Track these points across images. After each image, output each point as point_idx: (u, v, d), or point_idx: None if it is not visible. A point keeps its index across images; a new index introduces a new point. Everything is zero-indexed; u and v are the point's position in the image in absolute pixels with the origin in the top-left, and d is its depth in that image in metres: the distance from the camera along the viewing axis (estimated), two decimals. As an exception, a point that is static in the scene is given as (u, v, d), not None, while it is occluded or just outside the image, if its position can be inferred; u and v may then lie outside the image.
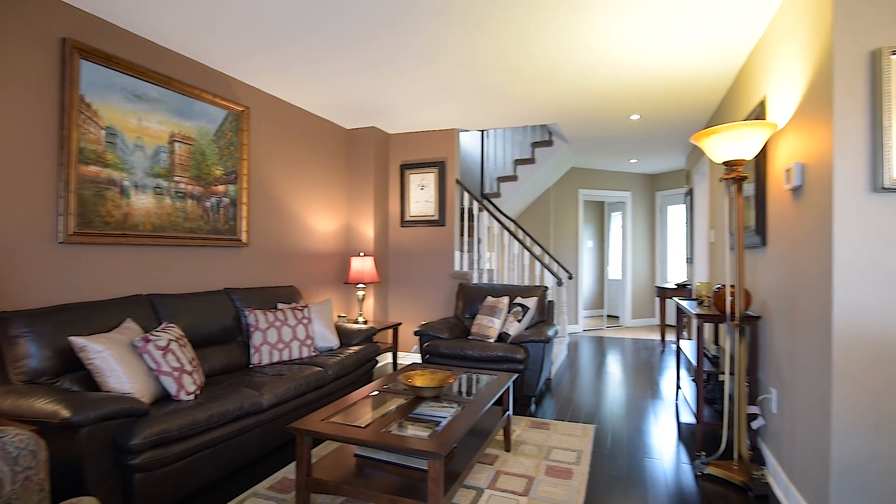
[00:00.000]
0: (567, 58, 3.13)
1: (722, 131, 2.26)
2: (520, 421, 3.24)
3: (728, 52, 3.03)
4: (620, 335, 6.91)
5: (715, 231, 4.35)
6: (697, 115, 4.43)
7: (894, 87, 1.70)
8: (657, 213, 7.82)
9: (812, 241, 1.98)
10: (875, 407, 1.74)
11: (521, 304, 3.94)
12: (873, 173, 1.73)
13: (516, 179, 5.75)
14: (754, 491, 2.27)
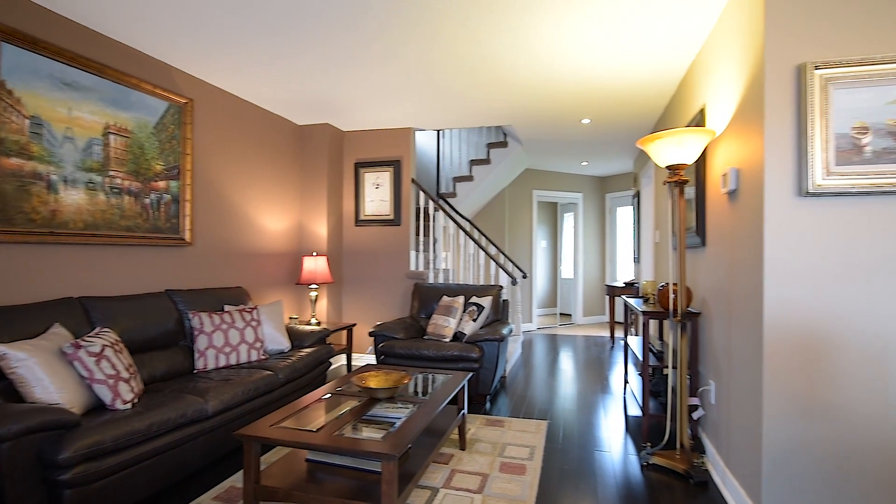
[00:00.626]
0: (520, 61, 3.18)
1: (665, 137, 2.37)
2: (475, 419, 3.27)
3: (671, 62, 3.18)
4: (573, 332, 7.11)
5: (660, 232, 4.56)
6: (644, 121, 4.62)
7: (817, 99, 1.83)
8: (607, 214, 8.11)
9: (746, 241, 2.11)
10: (801, 396, 1.87)
11: (476, 303, 3.97)
12: (799, 179, 1.87)
13: (472, 180, 5.80)
14: (695, 478, 2.40)
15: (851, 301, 1.83)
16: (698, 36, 2.80)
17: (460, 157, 6.29)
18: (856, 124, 1.81)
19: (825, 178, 1.82)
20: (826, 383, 1.85)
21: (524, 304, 7.19)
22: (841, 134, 1.82)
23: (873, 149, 1.80)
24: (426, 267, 5.16)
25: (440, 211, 4.83)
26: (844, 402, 1.83)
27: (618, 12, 2.54)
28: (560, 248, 8.67)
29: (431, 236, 5.03)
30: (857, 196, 1.82)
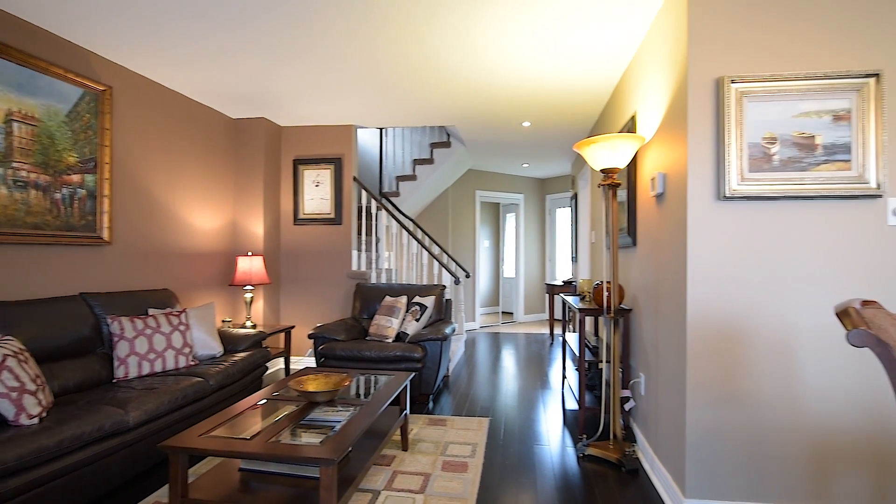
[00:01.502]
0: (462, 63, 3.21)
1: (599, 141, 2.47)
2: (418, 419, 3.26)
3: (606, 70, 3.33)
4: (514, 330, 7.28)
5: (595, 232, 4.77)
6: (581, 125, 4.81)
7: (733, 110, 1.98)
8: (547, 214, 8.37)
9: (672, 242, 2.25)
10: (718, 384, 2.02)
11: (419, 303, 3.97)
12: (717, 184, 2.01)
13: (415, 179, 5.79)
14: (626, 466, 2.52)
15: (761, 296, 2.00)
16: (629, 47, 2.95)
17: (403, 156, 6.26)
18: (766, 135, 1.98)
19: (740, 183, 1.98)
20: (739, 372, 2.01)
21: (467, 303, 7.28)
22: (753, 143, 1.98)
23: (780, 158, 1.97)
24: (368, 267, 5.08)
25: (383, 210, 4.77)
26: (755, 389, 2.00)
27: (554, 21, 2.62)
28: (502, 247, 8.85)
29: (374, 236, 4.97)
30: (767, 200, 1.99)
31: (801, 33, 1.98)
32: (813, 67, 1.97)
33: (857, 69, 1.94)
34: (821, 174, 1.94)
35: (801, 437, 1.97)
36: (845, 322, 1.12)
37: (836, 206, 1.96)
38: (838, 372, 1.95)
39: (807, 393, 1.97)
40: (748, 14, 2.01)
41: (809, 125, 1.96)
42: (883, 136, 1.91)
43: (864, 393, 1.94)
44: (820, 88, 1.94)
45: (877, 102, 1.91)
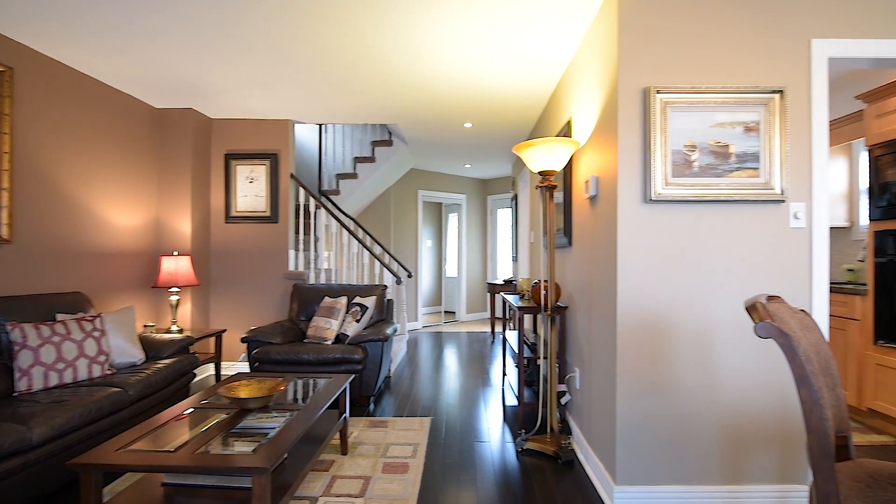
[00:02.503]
0: (405, 61, 3.19)
1: (536, 145, 2.55)
2: (358, 422, 3.20)
3: (544, 76, 3.43)
4: (457, 329, 7.34)
5: (534, 232, 4.91)
6: (521, 128, 4.93)
7: (658, 119, 2.11)
8: (489, 215, 8.52)
9: (603, 241, 2.36)
10: (645, 375, 2.14)
11: (359, 303, 3.90)
12: (644, 187, 2.13)
13: (356, 177, 5.68)
14: (562, 458, 2.62)
15: (683, 292, 2.14)
16: (565, 55, 3.06)
17: (344, 153, 6.13)
18: (687, 143, 2.12)
19: (664, 187, 2.11)
20: (664, 364, 2.14)
21: (409, 303, 7.25)
22: (676, 150, 2.12)
23: (700, 164, 2.12)
24: (307, 267, 4.93)
25: (322, 209, 4.65)
26: (677, 378, 2.14)
27: (494, 26, 2.66)
28: (445, 247, 8.91)
29: (312, 235, 4.82)
30: (688, 203, 2.13)
31: (718, 51, 2.15)
32: (728, 82, 2.14)
33: (765, 85, 2.13)
34: (734, 180, 2.11)
35: (719, 421, 2.13)
36: (753, 315, 1.22)
37: (747, 210, 2.14)
38: (750, 360, 2.13)
39: (723, 380, 2.13)
40: (672, 31, 2.15)
41: (724, 135, 2.12)
42: (786, 146, 2.11)
43: (771, 379, 2.13)
44: (733, 101, 2.11)
45: (781, 116, 2.11)
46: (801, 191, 2.15)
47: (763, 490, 2.12)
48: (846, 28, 2.15)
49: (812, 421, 1.15)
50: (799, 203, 2.15)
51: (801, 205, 2.14)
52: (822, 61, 2.15)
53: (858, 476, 1.27)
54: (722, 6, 2.15)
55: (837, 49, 2.15)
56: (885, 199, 3.06)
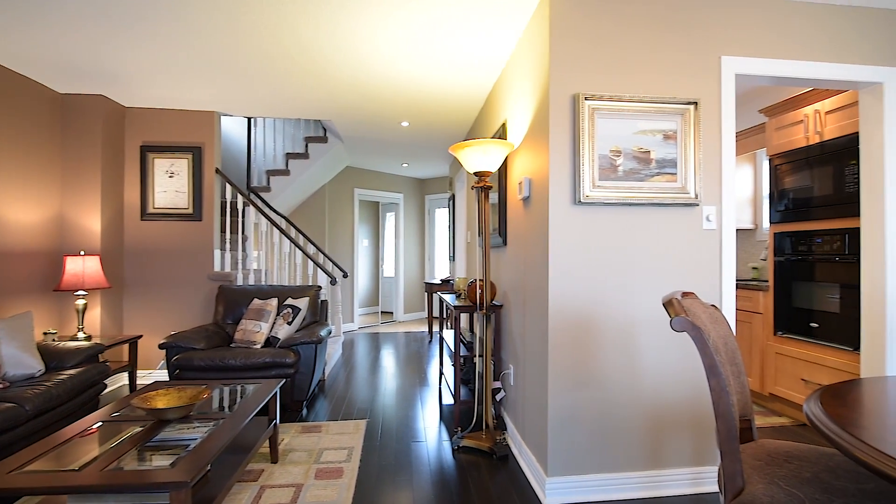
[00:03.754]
0: (340, 57, 3.10)
1: (472, 146, 2.58)
2: (290, 428, 3.08)
3: (479, 78, 3.48)
4: (394, 330, 7.28)
5: (471, 232, 4.97)
6: (458, 128, 4.98)
7: (587, 124, 2.20)
8: (426, 214, 8.53)
9: (536, 241, 2.43)
10: (575, 369, 2.23)
11: (291, 305, 3.75)
12: (574, 190, 2.22)
13: (288, 174, 5.47)
14: (497, 454, 2.66)
15: (609, 289, 2.25)
16: (501, 58, 3.13)
17: (275, 149, 5.87)
18: (613, 148, 2.23)
19: (592, 190, 2.20)
20: (592, 358, 2.24)
21: (345, 304, 7.10)
22: (603, 155, 2.22)
23: (624, 169, 2.24)
24: (234, 267, 4.68)
25: (251, 206, 4.43)
26: (604, 372, 2.25)
27: (430, 26, 2.66)
28: (382, 247, 8.81)
29: (240, 233, 4.58)
30: (613, 206, 2.25)
31: (641, 63, 2.28)
32: (650, 92, 2.28)
33: (682, 97, 2.29)
34: (655, 184, 2.25)
35: (641, 410, 2.27)
36: (670, 311, 1.31)
37: (666, 212, 2.29)
38: (669, 353, 2.29)
39: (645, 372, 2.27)
40: (600, 42, 2.25)
41: (646, 142, 2.25)
42: (700, 154, 2.28)
43: (687, 369, 2.30)
44: (654, 111, 2.25)
45: (696, 126, 2.28)
46: (712, 195, 2.34)
47: (680, 472, 2.27)
48: (750, 47, 2.37)
49: (720, 407, 1.25)
50: (711, 206, 2.33)
51: (713, 208, 2.33)
52: (731, 77, 2.34)
53: (759, 455, 1.39)
54: (645, 22, 2.29)
55: (743, 66, 2.35)
56: (784, 204, 3.40)
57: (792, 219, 3.31)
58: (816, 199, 3.11)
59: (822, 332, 3.04)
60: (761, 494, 1.20)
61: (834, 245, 2.97)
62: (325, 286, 4.87)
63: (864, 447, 0.94)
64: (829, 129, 3.04)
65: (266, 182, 5.44)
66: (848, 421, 1.07)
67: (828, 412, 1.12)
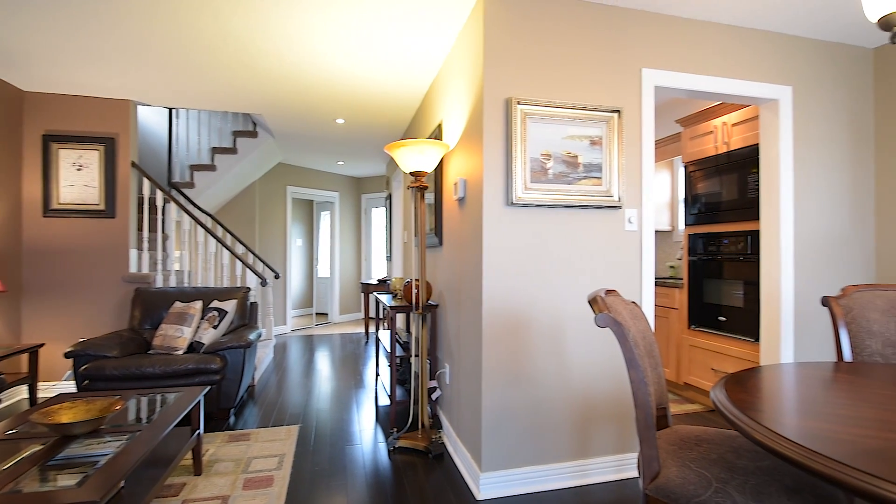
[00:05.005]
0: (270, 49, 2.98)
1: (408, 145, 2.57)
2: (216, 437, 2.92)
3: (416, 78, 3.48)
4: (329, 331, 7.11)
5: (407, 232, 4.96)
6: (395, 127, 4.94)
7: (519, 128, 2.27)
8: (363, 214, 8.40)
9: (471, 242, 2.47)
10: (508, 366, 2.29)
11: (217, 308, 3.55)
12: (507, 191, 2.28)
13: (215, 169, 5.17)
14: (433, 452, 2.68)
15: (540, 288, 2.33)
16: (437, 58, 3.14)
17: (200, 142, 5.53)
18: (544, 152, 2.32)
19: (524, 192, 2.27)
20: (524, 355, 2.31)
21: (277, 306, 6.83)
22: (534, 158, 2.30)
23: (554, 172, 2.33)
24: (153, 269, 4.35)
25: (172, 202, 4.14)
26: (535, 368, 2.33)
27: (365, 21, 2.63)
28: (317, 246, 8.56)
29: (160, 232, 4.27)
30: (544, 207, 2.33)
31: (571, 71, 2.38)
32: (578, 99, 2.39)
33: (607, 105, 2.42)
34: (582, 187, 2.37)
35: (570, 404, 2.37)
36: (594, 308, 1.38)
37: (593, 214, 2.41)
38: (595, 348, 2.41)
39: (574, 367, 2.38)
40: (533, 48, 2.33)
41: (574, 146, 2.36)
42: (623, 159, 2.42)
43: (612, 363, 2.43)
44: (581, 117, 2.36)
45: (619, 133, 2.42)
46: (633, 198, 2.49)
47: (605, 460, 2.40)
48: (668, 62, 2.55)
49: (639, 397, 1.33)
50: (632, 209, 2.48)
51: (634, 211, 2.48)
52: (650, 88, 2.51)
53: (673, 440, 1.51)
54: (574, 33, 2.39)
55: (661, 79, 2.53)
56: (697, 208, 3.69)
57: (704, 221, 3.60)
58: (724, 203, 3.41)
59: (729, 325, 3.34)
60: (674, 476, 1.30)
61: (738, 246, 3.27)
62: (255, 288, 4.66)
63: (760, 428, 1.04)
64: (735, 139, 3.34)
65: (189, 177, 5.11)
66: (747, 405, 1.18)
67: (731, 398, 1.23)
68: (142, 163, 5.42)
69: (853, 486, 0.81)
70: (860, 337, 1.78)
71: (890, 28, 1.23)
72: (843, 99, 2.93)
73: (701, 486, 1.25)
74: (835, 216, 2.90)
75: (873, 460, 0.85)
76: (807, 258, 2.83)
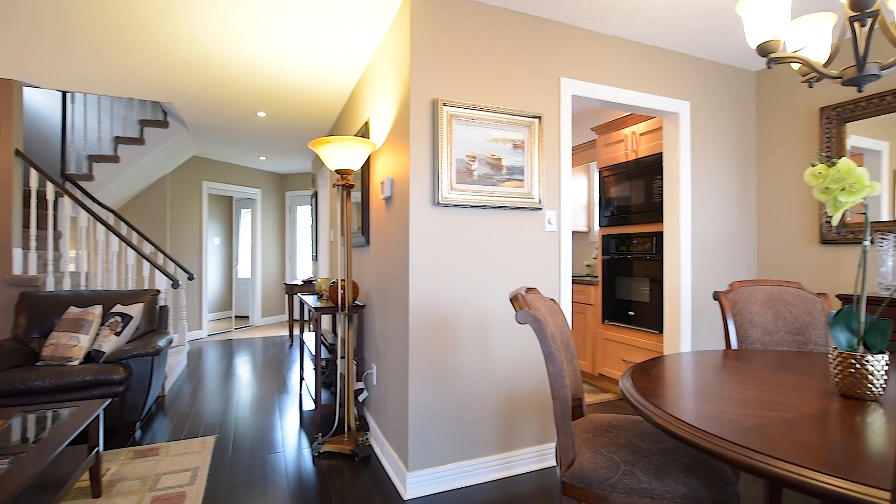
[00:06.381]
0: (182, 35, 2.78)
1: (333, 143, 2.51)
2: (119, 454, 2.67)
3: (342, 74, 3.41)
4: (250, 335, 6.76)
5: (334, 231, 4.84)
6: (321, 123, 4.80)
7: (445, 129, 2.30)
8: (287, 212, 8.07)
9: (398, 241, 2.46)
10: (435, 364, 2.32)
11: (121, 313, 3.25)
12: (433, 191, 2.30)
13: (118, 161, 4.72)
14: (360, 455, 2.64)
15: (465, 286, 2.38)
16: (364, 55, 3.10)
17: (101, 131, 5.02)
18: (469, 153, 2.37)
19: (449, 192, 2.31)
20: (451, 352, 2.35)
21: (192, 310, 6.38)
22: (460, 159, 2.34)
23: (479, 173, 2.39)
24: (43, 270, 3.89)
25: (66, 197, 3.73)
26: (462, 365, 2.37)
27: (288, 13, 2.53)
28: (236, 246, 8.10)
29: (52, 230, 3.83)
30: (469, 208, 2.38)
31: (496, 76, 2.45)
32: (503, 104, 2.47)
33: (529, 110, 2.52)
34: (505, 189, 2.45)
35: (496, 398, 2.44)
36: (515, 305, 1.43)
37: (515, 215, 2.50)
38: (518, 344, 2.50)
39: (498, 363, 2.45)
40: (459, 51, 2.37)
41: (498, 149, 2.44)
42: (543, 163, 2.54)
43: (534, 358, 2.54)
44: (505, 121, 2.44)
45: (540, 138, 2.53)
46: (553, 201, 2.62)
47: (528, 451, 2.51)
48: (584, 73, 2.70)
49: (556, 390, 1.41)
50: (552, 211, 2.61)
51: (554, 212, 2.61)
52: (568, 96, 2.65)
53: (587, 428, 1.61)
54: (499, 39, 2.47)
55: (578, 88, 2.68)
56: (610, 211, 3.95)
57: (616, 223, 3.87)
58: (633, 206, 3.68)
59: (637, 319, 3.61)
60: (587, 462, 1.39)
61: (645, 246, 3.55)
62: (165, 290, 4.32)
63: (660, 413, 1.14)
64: (642, 148, 3.62)
65: (88, 169, 4.63)
66: (650, 392, 1.28)
67: (636, 386, 1.34)
68: (30, 152, 4.82)
69: (734, 459, 0.91)
70: (744, 327, 2.01)
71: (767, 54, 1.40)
72: (732, 115, 3.28)
73: (611, 469, 1.34)
74: (725, 219, 3.24)
75: (752, 436, 0.97)
76: (702, 257, 3.13)
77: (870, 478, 0.78)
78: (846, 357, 1.20)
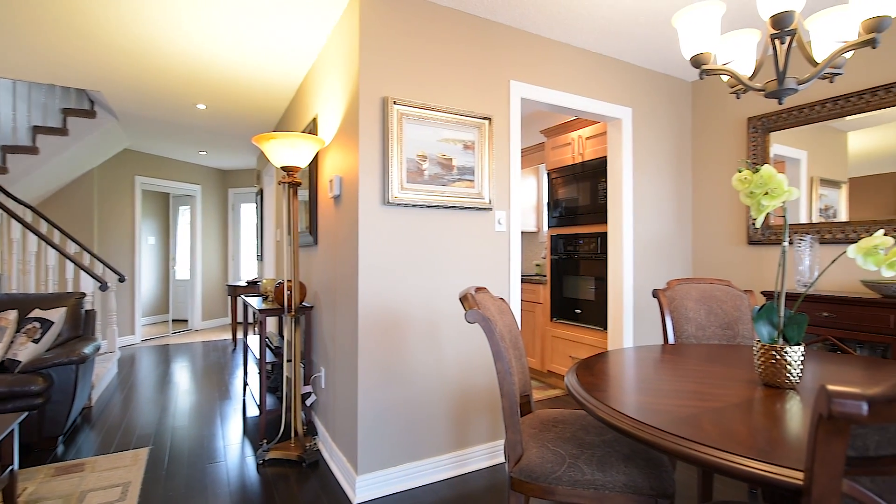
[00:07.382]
0: (110, 18, 2.59)
1: (279, 138, 2.43)
2: (37, 472, 2.45)
3: (289, 68, 3.30)
4: (189, 340, 6.41)
5: (280, 230, 4.69)
6: (266, 118, 4.63)
7: (395, 128, 2.28)
8: (230, 210, 7.72)
9: (346, 240, 2.41)
10: (384, 366, 2.29)
11: (40, 318, 2.99)
12: (383, 191, 2.27)
13: (37, 153, 4.33)
14: (307, 461, 2.57)
15: (416, 286, 2.37)
16: (312, 49, 3.02)
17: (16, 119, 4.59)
18: (420, 153, 2.36)
19: (400, 191, 2.29)
20: (401, 353, 2.33)
21: (123, 313, 5.97)
22: (410, 159, 2.33)
23: (430, 173, 2.38)
24: (-52, 271, 3.51)
25: (-24, 191, 3.38)
26: (413, 365, 2.36)
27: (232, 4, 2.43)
28: (174, 245, 7.66)
29: (-42, 227, 3.46)
30: (419, 208, 2.38)
31: (447, 76, 2.46)
32: (453, 104, 2.48)
33: (479, 112, 2.54)
34: (456, 189, 2.46)
35: (447, 398, 2.45)
36: (465, 304, 1.44)
37: (466, 215, 2.52)
38: (469, 343, 2.52)
39: (449, 363, 2.46)
40: (410, 50, 2.35)
41: (448, 149, 2.44)
42: (493, 164, 2.57)
43: (484, 357, 2.56)
44: (455, 122, 2.45)
45: (490, 139, 2.56)
46: (503, 201, 2.65)
47: (479, 449, 2.53)
48: (532, 77, 2.76)
49: (504, 387, 1.43)
50: (502, 211, 2.64)
51: (503, 213, 2.65)
52: (517, 99, 2.70)
53: (534, 424, 1.64)
54: (450, 38, 2.47)
55: (526, 91, 2.73)
56: (558, 212, 4.06)
57: (563, 224, 3.98)
58: (580, 208, 3.81)
59: (584, 317, 3.74)
60: (535, 457, 1.42)
61: (591, 246, 3.68)
62: (92, 293, 4.02)
63: (602, 406, 1.18)
64: (588, 151, 3.75)
65: (2, 161, 4.22)
66: (593, 387, 1.33)
67: (580, 381, 1.38)
68: (-71, 140, 4.33)
69: (668, 448, 0.96)
70: (680, 322, 2.12)
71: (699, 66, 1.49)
72: (671, 122, 3.46)
73: (556, 463, 1.38)
74: (664, 220, 3.42)
75: (685, 426, 1.02)
76: (643, 256, 3.29)
77: (787, 460, 0.85)
78: (768, 349, 1.29)
